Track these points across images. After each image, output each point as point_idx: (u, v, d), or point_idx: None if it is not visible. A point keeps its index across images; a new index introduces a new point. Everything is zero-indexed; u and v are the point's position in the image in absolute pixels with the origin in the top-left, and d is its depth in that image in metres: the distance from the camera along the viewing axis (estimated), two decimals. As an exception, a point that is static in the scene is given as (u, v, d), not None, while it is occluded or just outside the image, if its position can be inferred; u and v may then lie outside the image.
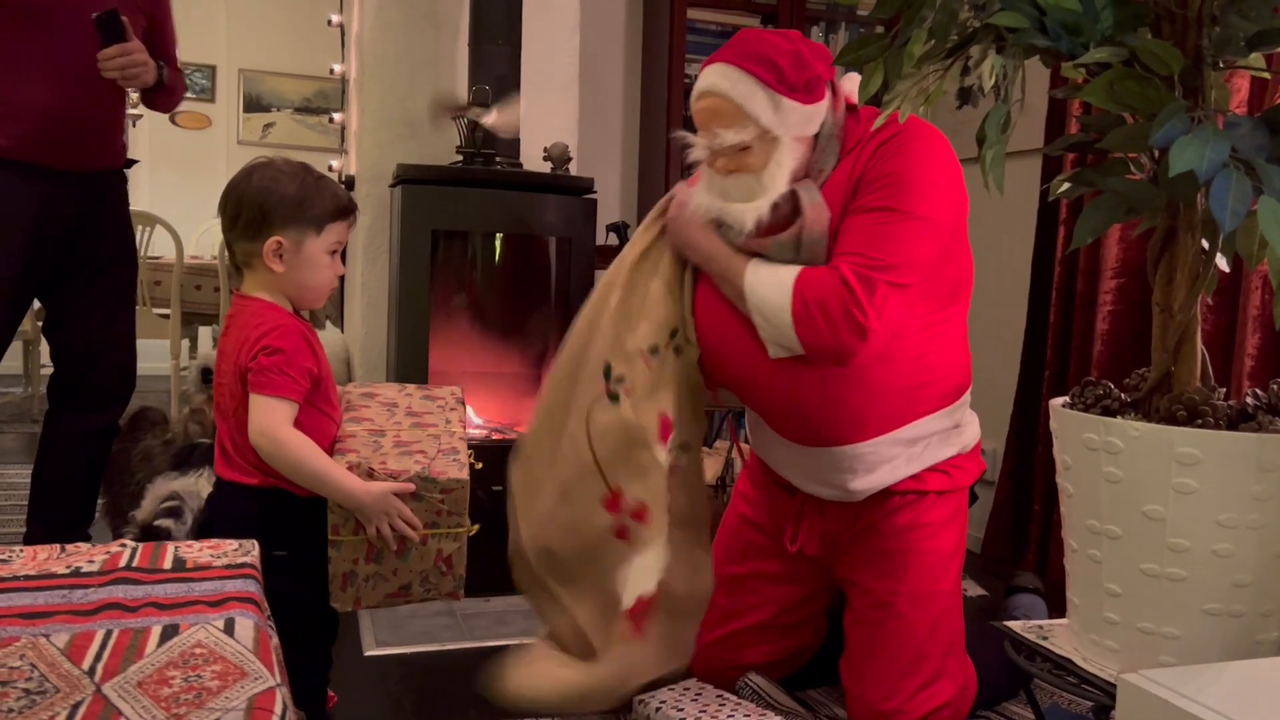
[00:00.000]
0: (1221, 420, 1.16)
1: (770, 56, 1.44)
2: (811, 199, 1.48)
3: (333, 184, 1.66)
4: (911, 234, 1.45)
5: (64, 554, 0.95)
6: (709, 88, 1.47)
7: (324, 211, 1.60)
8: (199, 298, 4.94)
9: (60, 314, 2.44)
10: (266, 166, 1.64)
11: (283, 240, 1.59)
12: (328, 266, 1.64)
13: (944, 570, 1.60)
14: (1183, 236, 1.19)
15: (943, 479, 1.59)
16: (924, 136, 1.49)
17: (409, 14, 2.96)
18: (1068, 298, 2.74)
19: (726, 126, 1.45)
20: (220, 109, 6.86)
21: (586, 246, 2.79)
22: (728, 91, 1.44)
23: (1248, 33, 1.13)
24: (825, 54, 1.52)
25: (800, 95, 1.45)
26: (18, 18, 2.18)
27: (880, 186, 1.46)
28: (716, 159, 1.51)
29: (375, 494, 1.56)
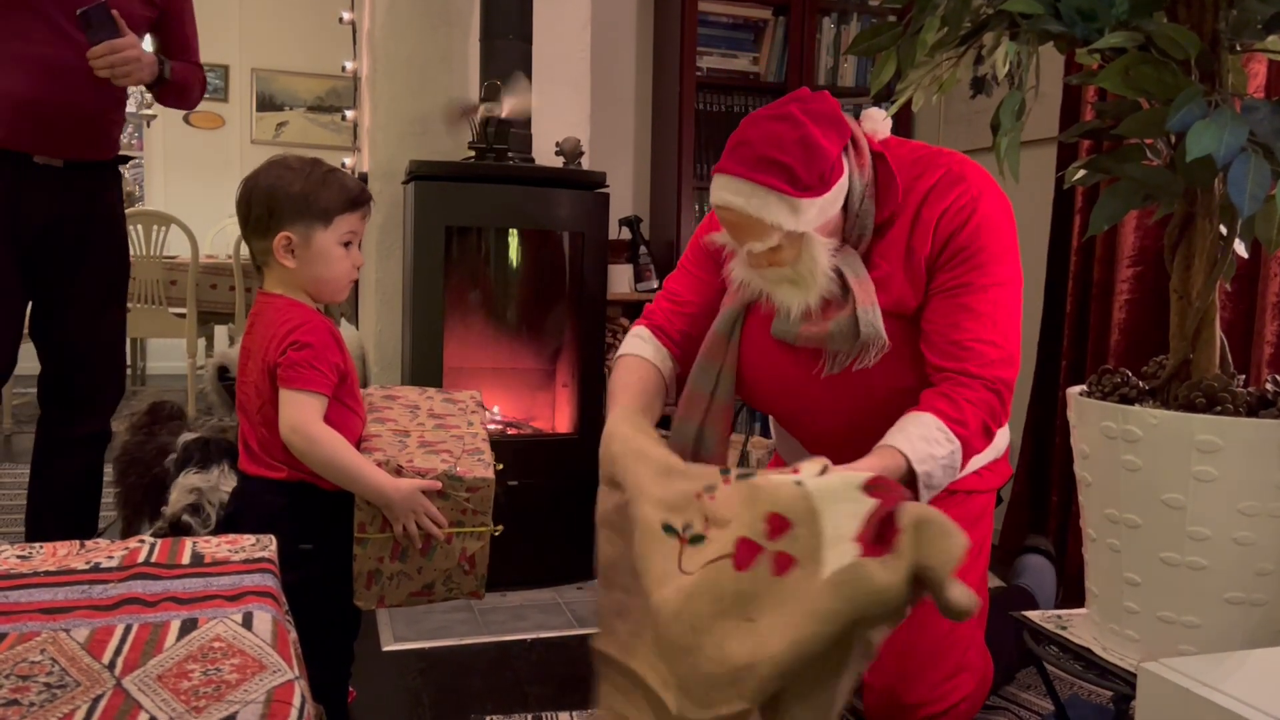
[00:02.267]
0: (1241, 407, 1.15)
1: (778, 159, 1.36)
2: (856, 274, 1.44)
3: (343, 176, 1.66)
4: (1012, 305, 1.44)
5: (83, 550, 0.95)
6: (723, 204, 1.42)
7: (331, 204, 1.61)
8: (214, 297, 4.97)
9: (45, 313, 2.33)
10: (276, 163, 1.65)
11: (291, 235, 1.60)
12: (341, 259, 1.64)
13: (970, 564, 1.59)
14: (1200, 222, 1.18)
15: (973, 479, 1.59)
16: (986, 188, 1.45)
17: (420, 11, 2.96)
18: (1084, 287, 2.72)
19: (750, 237, 1.42)
20: (233, 108, 6.89)
21: (599, 241, 2.79)
22: (743, 208, 1.39)
23: (1265, 15, 1.11)
24: (835, 116, 1.41)
25: (817, 190, 1.38)
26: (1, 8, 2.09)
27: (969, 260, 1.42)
28: (751, 258, 1.47)
29: (404, 491, 1.57)
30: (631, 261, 3.53)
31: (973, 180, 1.45)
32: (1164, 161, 1.22)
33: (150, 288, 4.69)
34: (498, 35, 2.70)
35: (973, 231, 1.42)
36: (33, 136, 2.16)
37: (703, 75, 3.55)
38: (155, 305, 4.72)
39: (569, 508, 2.77)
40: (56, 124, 2.18)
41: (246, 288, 4.85)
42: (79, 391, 2.36)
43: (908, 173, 1.47)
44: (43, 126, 2.16)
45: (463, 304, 2.90)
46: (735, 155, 1.40)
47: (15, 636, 0.75)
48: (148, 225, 4.70)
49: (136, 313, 4.67)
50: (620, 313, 3.49)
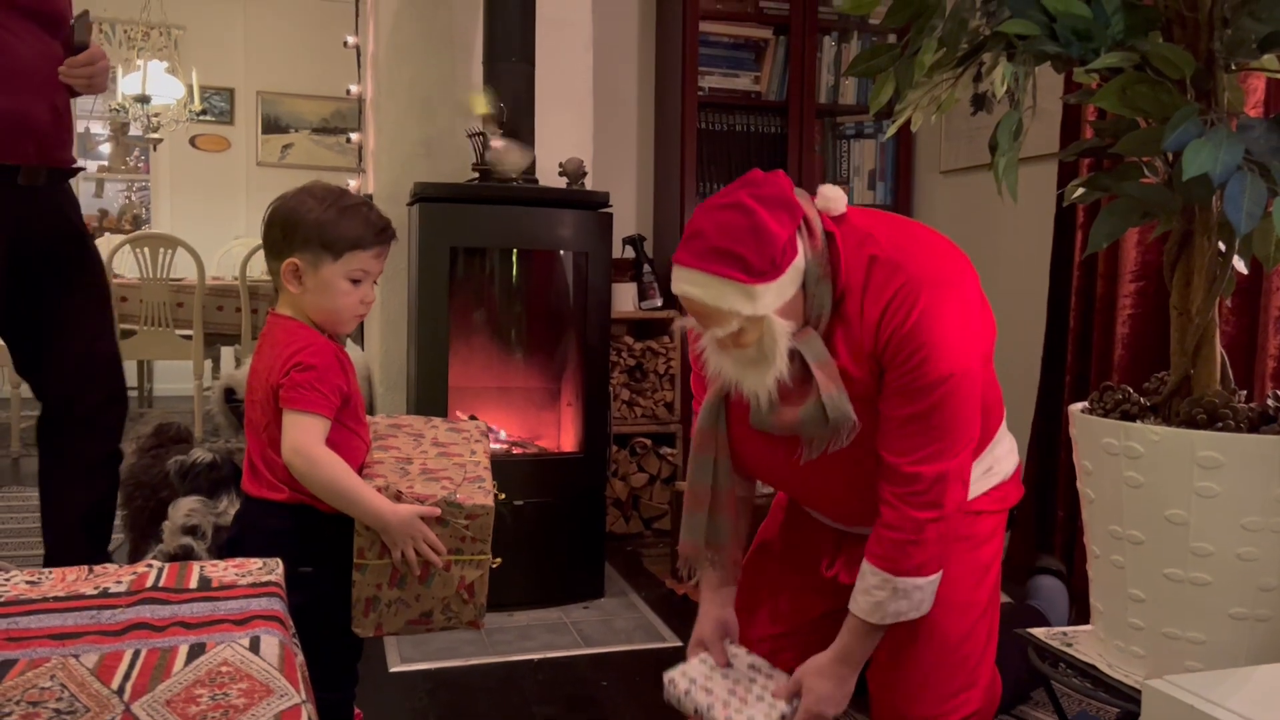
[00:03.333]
0: (1243, 423, 1.15)
1: (731, 249, 1.40)
2: (817, 358, 1.46)
3: (364, 213, 1.63)
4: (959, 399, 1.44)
5: (92, 575, 0.96)
6: (683, 295, 1.47)
7: (344, 239, 1.59)
8: (221, 318, 4.98)
9: (30, 343, 2.30)
10: (304, 189, 1.65)
11: (299, 262, 1.60)
12: (347, 293, 1.62)
13: (979, 581, 1.59)
14: (1199, 239, 1.19)
15: (983, 500, 1.60)
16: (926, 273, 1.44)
17: (424, 34, 2.99)
18: (1087, 302, 2.73)
19: (714, 323, 1.46)
20: (239, 131, 6.94)
21: (603, 260, 2.80)
22: (701, 298, 1.43)
23: (1260, 34, 1.12)
24: (785, 198, 1.43)
25: (770, 275, 1.41)
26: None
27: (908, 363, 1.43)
28: (716, 342, 1.50)
29: (402, 516, 1.57)
30: (636, 280, 3.55)
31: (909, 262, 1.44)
32: (1162, 179, 1.23)
33: (157, 310, 4.71)
34: (501, 58, 2.73)
35: (914, 327, 1.41)
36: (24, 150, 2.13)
37: (704, 94, 3.57)
38: (162, 327, 4.74)
39: (574, 527, 2.77)
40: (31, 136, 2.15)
41: (253, 309, 4.87)
42: (85, 418, 2.33)
43: (854, 255, 1.47)
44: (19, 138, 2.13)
45: (467, 324, 2.91)
46: (690, 247, 1.44)
47: (25, 663, 0.76)
48: (154, 248, 4.72)
49: (143, 335, 4.69)
50: (625, 331, 3.50)
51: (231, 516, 2.26)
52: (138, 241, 4.77)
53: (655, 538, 3.40)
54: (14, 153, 2.15)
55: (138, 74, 5.53)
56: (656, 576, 3.01)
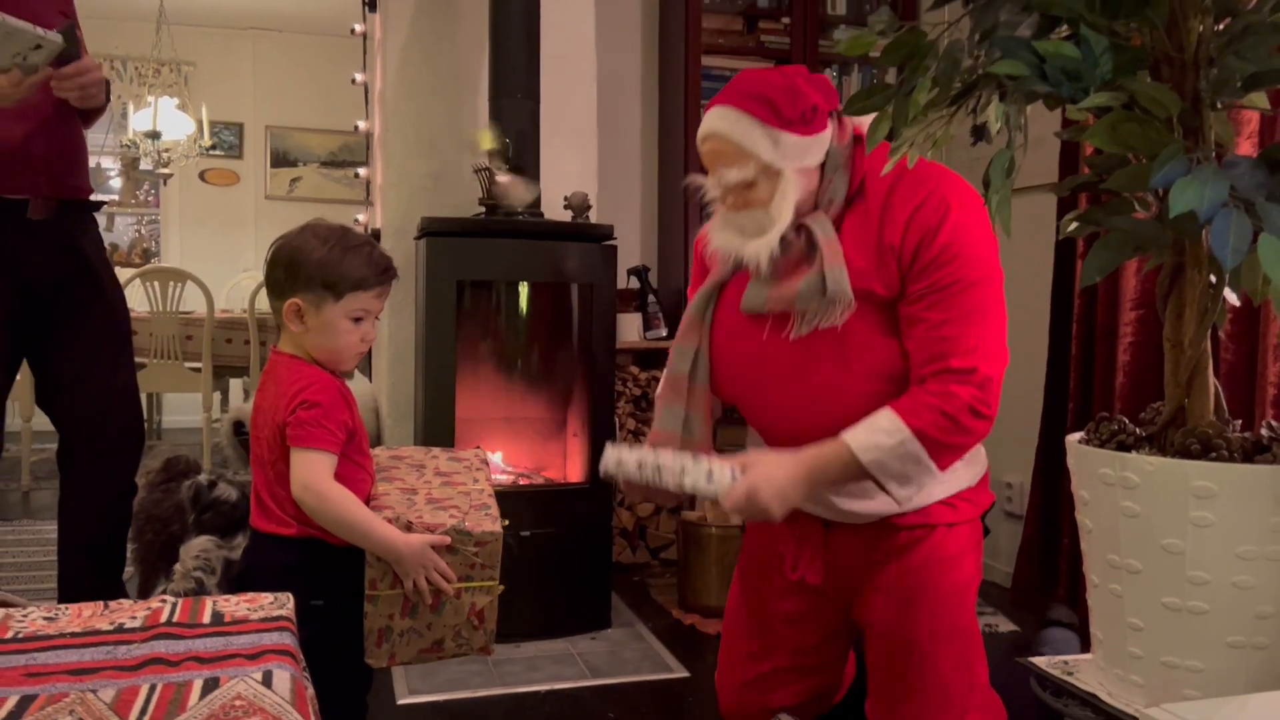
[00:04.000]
0: (1236, 453, 1.17)
1: (765, 94, 1.47)
2: (825, 234, 1.49)
3: (366, 253, 1.65)
4: (991, 303, 1.48)
5: (107, 611, 0.98)
6: (710, 131, 1.51)
7: (345, 279, 1.61)
8: (229, 351, 5.03)
9: (45, 377, 2.30)
10: (308, 229, 1.67)
11: (300, 303, 1.62)
12: (348, 332, 1.64)
13: (962, 604, 1.59)
14: (1190, 272, 1.21)
15: (948, 511, 1.58)
16: (955, 190, 1.48)
17: (430, 72, 3.04)
18: (1088, 330, 2.75)
19: (730, 165, 1.49)
20: (248, 165, 7.02)
21: (608, 291, 2.84)
22: (726, 132, 1.48)
23: (1244, 73, 1.15)
24: (826, 85, 1.53)
25: (798, 128, 1.47)
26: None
27: (943, 264, 1.45)
28: (726, 196, 1.54)
29: (415, 546, 1.59)
30: (640, 310, 3.58)
31: (940, 178, 1.49)
32: (1153, 214, 1.25)
33: (166, 343, 4.76)
34: (506, 94, 2.77)
35: (949, 233, 1.45)
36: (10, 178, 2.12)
37: (707, 127, 3.61)
38: (171, 360, 4.79)
39: (581, 557, 2.79)
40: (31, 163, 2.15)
41: (261, 342, 4.91)
42: (100, 454, 2.35)
43: (880, 164, 1.49)
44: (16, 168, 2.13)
45: (474, 356, 2.94)
46: (727, 90, 1.50)
47: (45, 698, 0.78)
48: (164, 281, 4.78)
49: (153, 368, 4.73)
50: (630, 361, 3.53)
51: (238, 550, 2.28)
52: (148, 276, 4.82)
53: (662, 568, 3.41)
54: (22, 185, 2.16)
55: (149, 110, 5.61)
56: (663, 606, 3.02)
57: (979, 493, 1.64)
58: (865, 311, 1.50)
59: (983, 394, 1.45)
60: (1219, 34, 1.20)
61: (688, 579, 2.97)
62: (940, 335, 1.45)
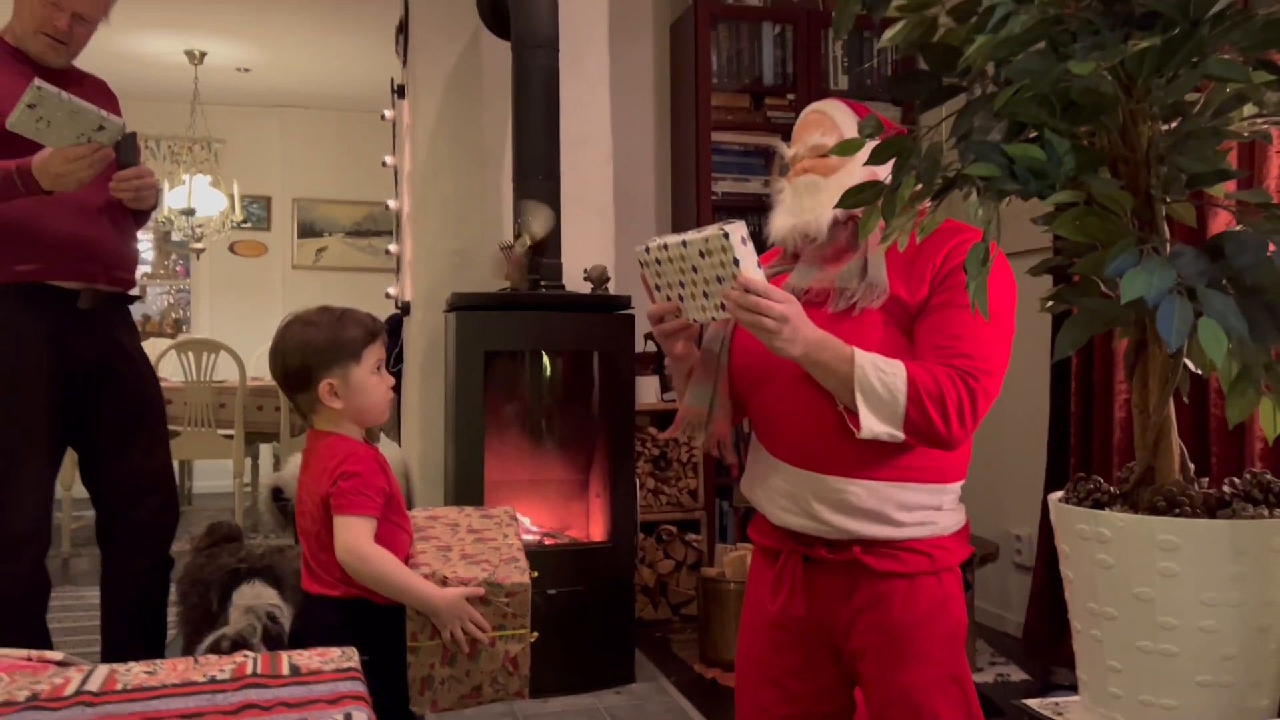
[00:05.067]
0: (1199, 509, 1.29)
1: (857, 108, 1.74)
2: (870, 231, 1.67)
3: (355, 314, 1.84)
4: (1001, 339, 1.62)
5: (198, 665, 1.12)
6: (814, 109, 1.77)
7: (356, 342, 1.80)
8: (260, 418, 5.20)
9: (90, 458, 2.46)
10: (295, 322, 1.83)
11: (332, 381, 1.78)
12: (377, 384, 1.83)
13: (953, 653, 1.65)
14: (1151, 346, 1.35)
15: (924, 561, 1.64)
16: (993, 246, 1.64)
17: (457, 154, 3.23)
18: (1086, 387, 2.87)
19: (815, 131, 1.73)
20: (275, 236, 7.26)
21: (626, 357, 2.99)
22: (826, 109, 1.74)
23: (1190, 170, 1.30)
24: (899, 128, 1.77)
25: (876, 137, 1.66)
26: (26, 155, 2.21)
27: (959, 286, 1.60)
28: (803, 158, 1.74)
29: (449, 599, 1.73)
30: (657, 373, 3.73)
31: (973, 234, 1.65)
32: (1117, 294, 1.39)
33: (200, 411, 4.94)
34: (529, 176, 2.96)
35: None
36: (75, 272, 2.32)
37: (718, 199, 3.80)
38: (205, 428, 4.96)
39: (605, 614, 2.90)
40: (93, 259, 2.34)
41: (291, 408, 5.08)
42: (137, 528, 2.50)
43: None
44: (82, 264, 2.32)
45: (500, 421, 3.09)
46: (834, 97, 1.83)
47: (158, 739, 0.91)
48: (198, 352, 4.97)
49: (187, 436, 4.90)
50: (648, 422, 3.66)
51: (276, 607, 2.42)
52: (183, 347, 5.02)
53: (683, 623, 3.51)
54: (81, 274, 2.34)
55: (183, 188, 5.86)
56: (685, 661, 3.12)
57: (957, 543, 1.70)
58: (888, 319, 1.63)
59: (970, 401, 1.56)
60: (1169, 133, 1.36)
61: (708, 634, 3.07)
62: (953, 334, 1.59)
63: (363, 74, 6.31)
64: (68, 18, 2.30)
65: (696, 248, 1.54)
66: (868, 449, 1.61)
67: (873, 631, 1.65)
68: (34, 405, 2.30)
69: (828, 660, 1.75)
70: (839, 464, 1.63)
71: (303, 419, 1.90)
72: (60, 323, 2.32)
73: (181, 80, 6.14)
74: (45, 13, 2.28)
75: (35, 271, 2.27)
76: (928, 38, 1.46)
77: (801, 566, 1.71)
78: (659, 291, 1.66)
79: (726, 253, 1.52)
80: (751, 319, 1.53)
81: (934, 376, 1.57)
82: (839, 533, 1.64)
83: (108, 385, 2.44)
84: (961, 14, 1.43)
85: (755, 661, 1.82)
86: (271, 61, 6.17)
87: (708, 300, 1.58)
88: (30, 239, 2.26)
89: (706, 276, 1.56)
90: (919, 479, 1.65)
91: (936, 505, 1.67)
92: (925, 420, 1.56)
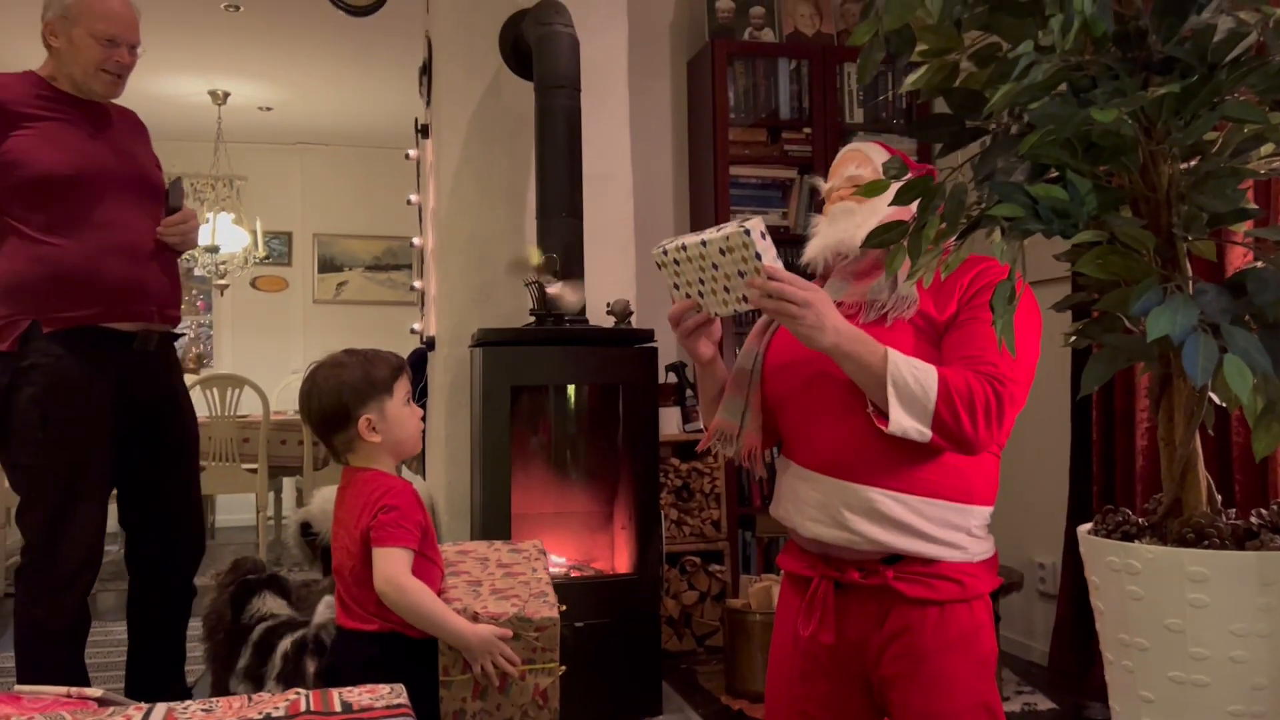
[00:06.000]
0: (1227, 540, 1.32)
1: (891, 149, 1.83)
2: None
3: (377, 352, 1.91)
4: (1027, 354, 1.67)
5: (251, 703, 1.15)
6: (851, 147, 1.87)
7: (386, 376, 1.87)
8: (284, 451, 5.26)
9: (137, 490, 2.57)
10: (323, 366, 1.90)
11: (370, 416, 1.84)
12: (410, 415, 1.90)
13: (985, 680, 1.66)
14: (1176, 381, 1.37)
15: (955, 588, 1.66)
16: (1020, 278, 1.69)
17: (481, 192, 3.29)
18: (1108, 416, 2.89)
19: (851, 165, 1.82)
20: (296, 271, 7.35)
21: (649, 389, 3.02)
22: (863, 148, 1.84)
23: (1212, 210, 1.34)
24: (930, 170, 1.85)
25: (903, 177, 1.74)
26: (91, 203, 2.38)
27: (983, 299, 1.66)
28: (840, 189, 1.82)
29: (481, 635, 1.77)
30: (679, 404, 3.76)
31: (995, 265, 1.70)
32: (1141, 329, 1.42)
33: (224, 446, 4.99)
34: (552, 213, 3.00)
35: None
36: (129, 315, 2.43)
37: (737, 231, 3.84)
38: (229, 462, 5.01)
39: (631, 646, 2.91)
40: (149, 298, 2.46)
41: (314, 442, 5.13)
42: (170, 559, 2.60)
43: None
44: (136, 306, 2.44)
45: (526, 454, 3.12)
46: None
47: (220, 774, 0.94)
48: (223, 388, 5.03)
49: (212, 470, 4.95)
50: (671, 453, 3.69)
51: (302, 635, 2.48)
52: (208, 383, 5.09)
53: (708, 654, 3.52)
54: (136, 314, 2.45)
55: (207, 226, 5.95)
56: (711, 693, 3.13)
57: (987, 571, 1.72)
58: (918, 333, 1.68)
59: (998, 405, 1.60)
60: (1189, 172, 1.39)
61: (734, 665, 3.09)
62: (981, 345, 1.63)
63: (380, 111, 6.42)
64: (125, 50, 2.43)
65: (717, 246, 1.58)
66: (898, 461, 1.65)
67: (904, 659, 1.67)
68: (95, 443, 2.40)
69: (857, 690, 1.76)
70: (870, 474, 1.66)
71: (336, 459, 1.94)
72: (119, 363, 2.43)
73: (205, 120, 6.26)
74: (104, 51, 2.40)
75: (94, 315, 2.38)
76: (949, 82, 1.51)
77: (833, 593, 1.73)
78: (677, 290, 1.71)
79: (748, 248, 1.55)
80: (776, 305, 1.57)
81: (965, 379, 1.61)
82: (869, 544, 1.65)
83: (158, 423, 2.54)
84: (983, 58, 1.47)
85: (784, 692, 1.84)
86: (292, 100, 6.28)
87: (729, 294, 1.62)
88: (88, 285, 2.37)
89: (728, 272, 1.60)
90: (947, 496, 1.67)
91: (965, 527, 1.69)
92: (954, 419, 1.59)
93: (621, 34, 3.42)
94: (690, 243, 1.63)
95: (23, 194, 2.33)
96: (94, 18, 2.38)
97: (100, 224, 2.38)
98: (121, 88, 2.49)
